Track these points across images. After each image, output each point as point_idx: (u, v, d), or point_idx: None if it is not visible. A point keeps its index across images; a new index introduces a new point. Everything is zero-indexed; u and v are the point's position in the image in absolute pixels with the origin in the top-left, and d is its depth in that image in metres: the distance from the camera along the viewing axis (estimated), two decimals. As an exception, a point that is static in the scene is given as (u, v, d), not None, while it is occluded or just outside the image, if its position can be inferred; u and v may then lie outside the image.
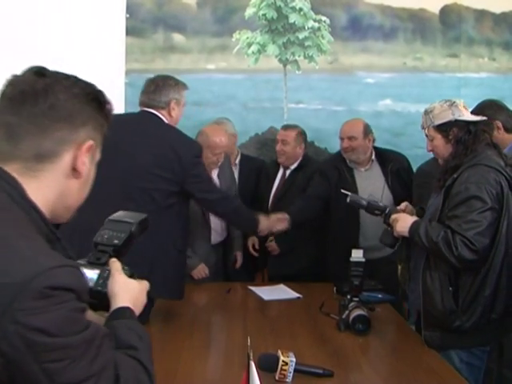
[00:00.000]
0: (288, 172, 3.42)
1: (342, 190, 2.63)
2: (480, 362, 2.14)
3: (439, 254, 2.08)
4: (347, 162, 3.19)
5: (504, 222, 2.04)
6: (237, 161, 3.50)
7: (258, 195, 3.45)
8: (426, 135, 2.25)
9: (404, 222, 2.24)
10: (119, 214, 1.30)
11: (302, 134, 3.43)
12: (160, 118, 2.53)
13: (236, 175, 3.46)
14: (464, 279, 2.10)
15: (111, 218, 1.29)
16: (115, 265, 1.16)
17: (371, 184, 3.11)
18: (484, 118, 2.22)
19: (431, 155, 2.41)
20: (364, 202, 2.50)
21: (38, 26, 2.69)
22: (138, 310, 1.14)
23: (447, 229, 2.08)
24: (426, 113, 2.22)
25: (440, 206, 2.14)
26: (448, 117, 2.16)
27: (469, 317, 2.08)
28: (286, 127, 3.45)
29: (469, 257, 2.03)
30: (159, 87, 2.57)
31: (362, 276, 2.35)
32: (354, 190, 2.94)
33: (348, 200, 2.56)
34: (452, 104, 2.19)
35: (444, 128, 2.17)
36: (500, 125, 2.54)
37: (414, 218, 2.25)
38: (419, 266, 2.21)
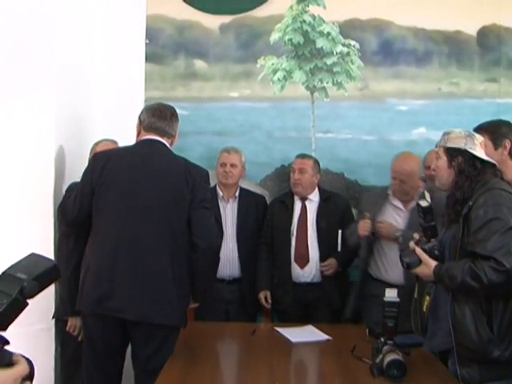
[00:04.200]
0: (310, 204, 3.58)
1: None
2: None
3: (469, 289, 2.19)
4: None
5: None
6: (236, 194, 3.66)
7: (276, 229, 3.57)
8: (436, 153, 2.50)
9: (426, 267, 2.32)
10: (21, 263, 1.21)
11: (317, 164, 3.64)
12: (168, 147, 2.68)
13: (235, 209, 3.62)
14: (496, 305, 2.20)
15: (7, 268, 1.20)
16: None
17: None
18: (494, 162, 2.36)
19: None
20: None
21: (54, 50, 2.92)
22: None
23: (469, 260, 2.20)
24: (445, 133, 2.42)
25: (460, 235, 2.27)
26: (460, 144, 2.34)
27: (507, 345, 2.17)
28: (303, 156, 3.63)
29: (499, 280, 2.12)
30: (174, 116, 2.74)
31: (397, 317, 2.39)
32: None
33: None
34: (469, 135, 2.36)
35: (451, 152, 2.35)
36: (508, 146, 2.57)
37: (434, 263, 2.32)
38: (442, 304, 2.31)
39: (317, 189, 3.63)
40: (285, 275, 3.54)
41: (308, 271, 3.52)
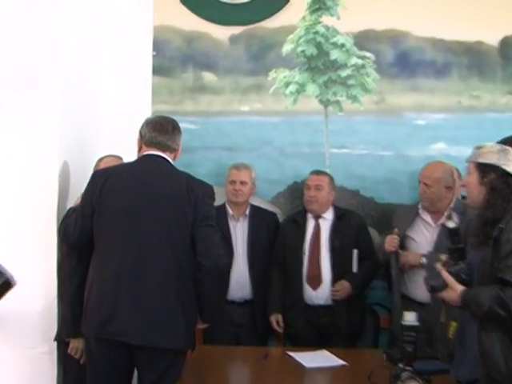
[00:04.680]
0: (324, 222, 3.57)
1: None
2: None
3: (497, 318, 2.14)
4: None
5: None
6: (247, 212, 3.68)
7: (287, 248, 3.57)
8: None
9: (452, 291, 2.28)
10: None
11: (333, 181, 3.65)
12: (170, 163, 2.69)
13: (246, 228, 3.64)
14: None
15: None
16: None
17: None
18: None
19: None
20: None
21: (58, 63, 2.86)
22: None
23: (497, 286, 2.15)
24: (476, 147, 2.36)
25: (489, 258, 2.21)
26: (492, 160, 2.28)
27: None
28: (318, 172, 3.64)
29: None
30: (176, 129, 2.74)
31: (416, 342, 2.36)
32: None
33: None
34: (503, 150, 2.29)
35: (483, 169, 2.29)
36: None
37: (461, 287, 2.26)
38: (469, 331, 2.27)
39: (331, 207, 3.61)
40: (297, 297, 3.52)
41: (321, 293, 3.50)
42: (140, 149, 2.74)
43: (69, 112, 3.06)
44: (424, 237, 3.35)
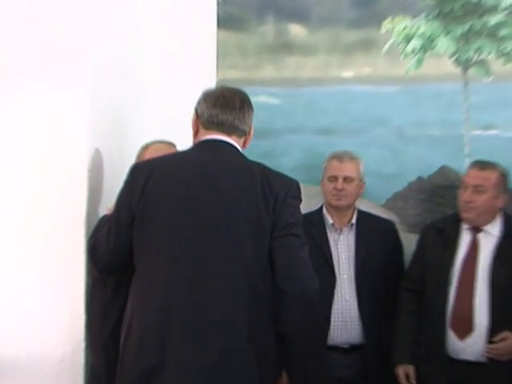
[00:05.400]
0: (486, 239, 3.29)
1: None
2: None
3: None
4: None
5: None
6: (353, 220, 3.48)
7: (428, 271, 3.35)
8: None
9: None
10: None
11: (504, 177, 3.32)
12: (239, 151, 2.65)
13: (352, 242, 3.48)
14: None
15: None
16: None
17: None
18: None
19: None
20: None
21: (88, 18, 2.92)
22: None
23: None
24: None
25: None
26: None
27: None
28: (483, 166, 3.32)
29: None
30: (246, 104, 2.67)
31: None
32: None
33: None
34: None
35: None
36: None
37: None
38: None
39: (499, 216, 3.30)
40: (435, 345, 3.26)
41: (471, 345, 3.22)
42: (196, 132, 2.66)
43: (102, 83, 3.02)
44: None
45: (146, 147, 3.08)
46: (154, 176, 2.54)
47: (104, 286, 2.79)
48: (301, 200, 2.63)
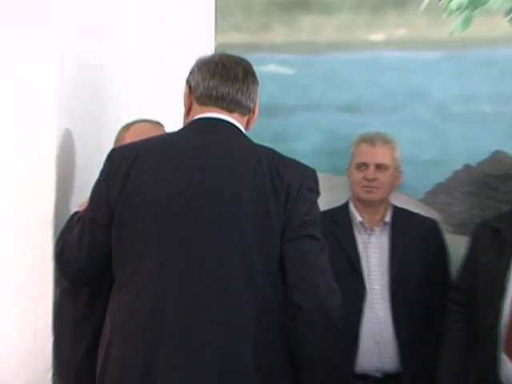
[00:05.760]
0: None
1: None
2: None
3: None
4: None
5: None
6: (387, 218, 3.43)
7: (480, 280, 3.21)
8: None
9: None
10: None
11: None
12: (242, 132, 2.62)
13: (386, 245, 3.43)
14: None
15: None
16: None
17: None
18: None
19: None
20: None
21: None
22: None
23: None
24: None
25: None
26: None
27: None
28: None
29: None
30: (250, 75, 2.62)
31: None
32: None
33: None
34: None
35: None
36: None
37: None
38: None
39: None
40: (487, 371, 3.12)
41: None
42: (189, 110, 2.61)
43: (72, 46, 2.98)
44: None
45: (126, 128, 3.06)
46: (137, 164, 2.51)
47: (75, 299, 2.77)
48: (318, 193, 2.58)
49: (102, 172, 2.57)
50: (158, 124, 3.04)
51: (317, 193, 2.58)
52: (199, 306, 2.44)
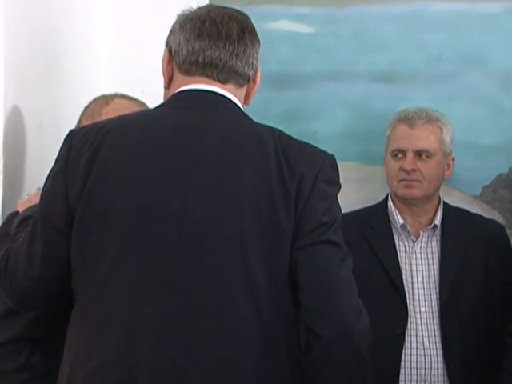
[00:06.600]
0: None
1: None
2: None
3: None
4: None
5: None
6: (436, 220, 3.36)
7: None
8: None
9: None
10: None
11: None
12: (239, 107, 2.53)
13: (436, 254, 3.43)
14: None
15: None
16: None
17: None
18: None
19: None
20: None
21: None
22: None
23: None
24: None
25: None
26: None
27: None
28: None
29: None
30: (247, 33, 2.50)
31: None
32: None
33: None
34: None
35: None
36: None
37: None
38: None
39: None
40: None
41: None
42: (170, 80, 2.50)
43: (22, 8, 3.03)
44: None
45: (105, 101, 3.04)
46: (103, 149, 2.41)
47: (16, 327, 2.68)
48: (339, 186, 2.48)
49: (59, 160, 2.44)
50: (133, 100, 3.05)
51: (337, 186, 2.49)
52: (186, 339, 2.37)
